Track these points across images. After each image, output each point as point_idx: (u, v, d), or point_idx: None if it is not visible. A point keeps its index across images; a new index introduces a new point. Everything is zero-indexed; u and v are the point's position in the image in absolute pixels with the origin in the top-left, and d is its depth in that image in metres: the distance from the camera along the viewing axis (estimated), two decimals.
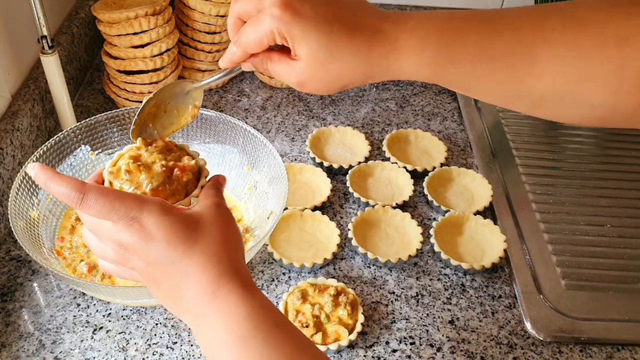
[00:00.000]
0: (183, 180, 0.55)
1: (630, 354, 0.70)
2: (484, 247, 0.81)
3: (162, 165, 0.54)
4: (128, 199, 0.44)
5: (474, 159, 0.97)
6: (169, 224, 0.44)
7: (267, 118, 1.03)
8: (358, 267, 0.78)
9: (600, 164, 0.99)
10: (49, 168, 0.44)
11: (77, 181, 0.43)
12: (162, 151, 0.56)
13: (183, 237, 0.44)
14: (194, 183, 0.56)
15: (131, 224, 0.43)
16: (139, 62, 0.94)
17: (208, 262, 0.44)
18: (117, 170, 0.54)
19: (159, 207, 0.44)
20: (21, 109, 0.84)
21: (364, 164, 0.91)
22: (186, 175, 0.55)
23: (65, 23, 1.04)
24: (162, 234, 0.43)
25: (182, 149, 0.59)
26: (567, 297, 0.76)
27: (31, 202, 0.71)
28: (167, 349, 0.67)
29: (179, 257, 0.44)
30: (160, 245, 0.43)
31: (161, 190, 0.53)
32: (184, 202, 0.54)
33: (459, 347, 0.70)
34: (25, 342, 0.67)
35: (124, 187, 0.53)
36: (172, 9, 0.98)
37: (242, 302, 0.43)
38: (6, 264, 0.76)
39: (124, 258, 0.45)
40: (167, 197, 0.53)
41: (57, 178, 0.43)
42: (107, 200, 0.43)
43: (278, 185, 0.73)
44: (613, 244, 0.84)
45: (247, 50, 0.50)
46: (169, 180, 0.54)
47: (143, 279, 0.46)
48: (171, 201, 0.53)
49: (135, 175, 0.54)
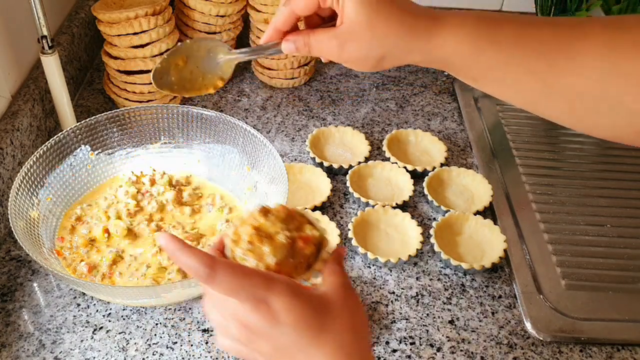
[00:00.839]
0: (306, 253, 0.53)
1: (630, 354, 0.70)
2: (484, 247, 0.81)
3: (286, 237, 0.52)
4: (256, 278, 0.41)
5: (474, 159, 0.97)
6: (298, 307, 0.41)
7: (267, 118, 1.03)
8: (358, 267, 0.78)
9: (600, 164, 0.99)
10: (178, 239, 0.41)
11: (207, 255, 0.41)
12: (284, 220, 0.55)
13: (313, 322, 0.42)
14: (315, 255, 0.53)
15: (259, 306, 0.41)
16: (139, 62, 0.94)
17: (336, 354, 0.42)
18: (238, 238, 0.52)
19: (287, 288, 0.42)
20: (21, 109, 0.84)
21: (364, 164, 0.91)
22: (309, 248, 0.53)
23: (65, 23, 1.04)
24: (291, 319, 0.41)
25: (303, 216, 0.57)
26: (567, 297, 0.76)
27: (31, 202, 0.72)
28: (167, 349, 0.67)
29: (307, 344, 0.41)
30: (288, 330, 0.41)
31: (284, 264, 0.51)
32: (305, 276, 0.52)
33: (459, 347, 0.70)
34: (25, 342, 0.67)
35: (246, 257, 0.51)
36: (172, 9, 0.98)
37: None
38: (6, 264, 0.76)
39: (248, 339, 0.43)
40: (290, 270, 0.52)
41: (186, 250, 0.41)
42: (236, 279, 0.41)
43: (278, 185, 0.73)
44: (613, 244, 0.84)
45: (296, 9, 0.51)
46: (292, 252, 0.52)
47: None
48: (294, 275, 0.52)
49: (257, 247, 0.52)
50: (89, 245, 0.74)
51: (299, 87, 1.10)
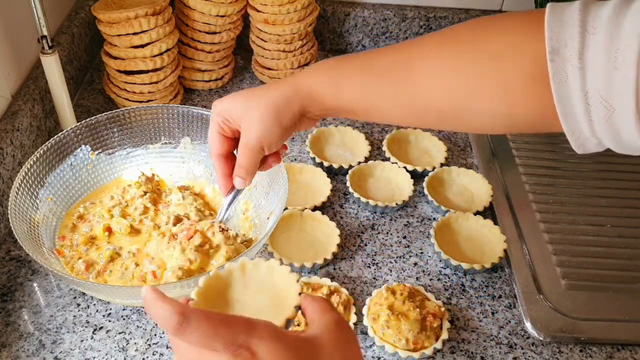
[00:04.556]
0: (434, 326, 0.67)
1: (630, 354, 0.70)
2: (484, 247, 0.81)
3: (419, 313, 0.67)
4: (234, 323, 0.37)
5: (474, 159, 0.97)
6: (283, 353, 0.36)
7: None
8: (358, 267, 0.78)
9: (600, 164, 0.98)
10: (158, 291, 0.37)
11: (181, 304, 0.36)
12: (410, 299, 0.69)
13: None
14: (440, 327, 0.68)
15: (239, 353, 0.36)
16: (139, 62, 0.94)
17: None
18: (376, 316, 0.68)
19: (271, 331, 0.37)
20: (21, 109, 0.84)
21: (364, 164, 0.91)
22: (436, 321, 0.68)
23: (65, 23, 1.04)
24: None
25: (419, 291, 0.72)
26: (567, 297, 0.76)
27: (31, 202, 0.72)
28: (167, 349, 0.67)
29: None
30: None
31: (419, 336, 0.65)
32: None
33: (459, 347, 0.70)
34: (25, 342, 0.67)
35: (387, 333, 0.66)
36: (172, 9, 0.98)
37: None
38: (6, 264, 0.76)
39: None
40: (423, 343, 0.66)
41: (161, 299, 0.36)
42: (211, 325, 0.36)
43: (278, 185, 0.73)
44: (613, 244, 0.84)
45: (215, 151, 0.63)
46: (424, 325, 0.66)
47: None
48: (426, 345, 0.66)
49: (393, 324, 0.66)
50: (89, 243, 0.74)
51: None
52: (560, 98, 0.45)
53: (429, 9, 1.17)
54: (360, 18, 1.17)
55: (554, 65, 0.44)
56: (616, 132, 0.44)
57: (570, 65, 0.43)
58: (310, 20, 1.04)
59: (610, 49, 0.42)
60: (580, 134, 0.46)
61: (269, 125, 0.58)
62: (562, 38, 0.44)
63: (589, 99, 0.43)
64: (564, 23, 0.44)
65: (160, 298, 0.36)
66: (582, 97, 0.44)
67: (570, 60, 0.43)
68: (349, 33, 1.19)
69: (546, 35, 0.44)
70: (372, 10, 1.16)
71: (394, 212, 0.87)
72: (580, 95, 0.44)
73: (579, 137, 0.47)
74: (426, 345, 0.66)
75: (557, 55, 0.44)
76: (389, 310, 0.67)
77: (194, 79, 1.07)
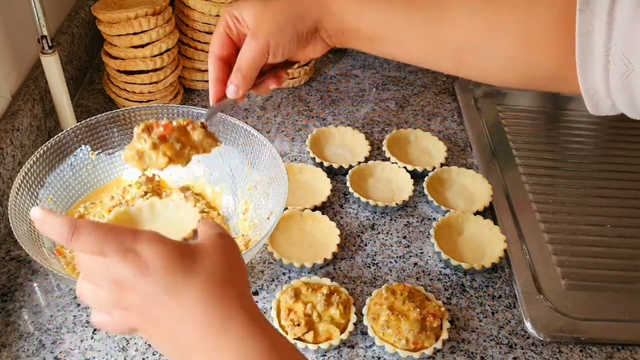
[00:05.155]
0: (434, 326, 0.68)
1: (630, 354, 0.70)
2: (484, 247, 0.81)
3: (419, 313, 0.68)
4: (121, 230, 0.40)
5: (474, 159, 0.97)
6: (166, 251, 0.40)
7: (267, 118, 1.03)
8: (358, 267, 0.78)
9: (600, 164, 0.99)
10: (47, 209, 0.41)
11: (70, 218, 0.40)
12: (410, 299, 0.69)
13: (182, 265, 0.40)
14: (440, 327, 0.69)
15: (126, 255, 0.39)
16: (139, 62, 0.94)
17: (212, 292, 0.40)
18: (376, 316, 0.68)
19: (154, 236, 0.41)
20: (21, 109, 0.84)
21: (364, 164, 0.91)
22: (436, 321, 0.68)
23: (65, 23, 1.04)
24: (159, 264, 0.39)
25: (419, 291, 0.72)
26: (567, 297, 0.76)
27: (31, 202, 0.71)
28: None
29: (178, 288, 0.40)
30: (157, 276, 0.39)
31: (419, 336, 0.66)
32: None
33: (459, 347, 0.70)
34: (25, 342, 0.67)
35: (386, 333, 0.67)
36: (172, 9, 0.98)
37: (255, 335, 0.40)
38: (6, 264, 0.76)
39: (118, 297, 0.40)
40: (423, 343, 0.67)
41: (50, 215, 0.40)
42: (100, 233, 0.39)
43: (278, 185, 0.73)
44: (613, 244, 0.84)
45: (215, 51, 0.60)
46: (424, 325, 0.67)
47: (138, 320, 0.41)
48: (426, 346, 0.67)
49: (393, 324, 0.67)
50: None
51: (299, 87, 1.10)
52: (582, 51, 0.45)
53: None
54: None
55: (582, 16, 0.44)
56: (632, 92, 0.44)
57: (598, 19, 0.43)
58: None
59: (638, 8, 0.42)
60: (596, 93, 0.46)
61: (282, 25, 0.56)
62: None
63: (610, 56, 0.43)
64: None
65: (50, 214, 0.40)
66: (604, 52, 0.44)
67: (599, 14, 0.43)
68: None
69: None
70: None
71: (394, 212, 0.87)
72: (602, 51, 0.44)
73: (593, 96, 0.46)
74: (426, 345, 0.66)
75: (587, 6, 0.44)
76: (389, 310, 0.68)
77: (194, 79, 1.07)
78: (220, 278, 0.41)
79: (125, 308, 0.41)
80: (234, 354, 0.40)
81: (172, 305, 0.40)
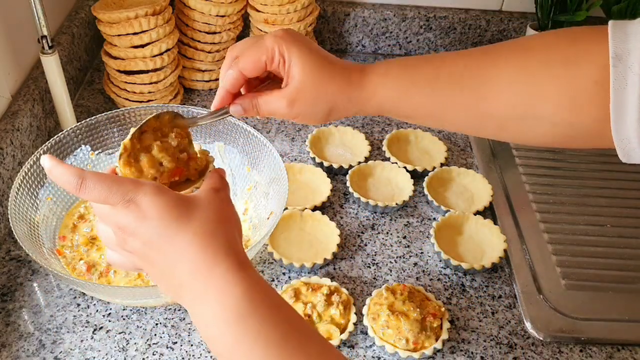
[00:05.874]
0: (434, 326, 0.68)
1: (630, 354, 0.70)
2: (484, 247, 0.81)
3: (419, 313, 0.68)
4: (125, 182, 0.44)
5: (474, 159, 0.97)
6: (163, 202, 0.44)
7: (267, 118, 1.03)
8: (358, 267, 0.78)
9: (600, 164, 0.98)
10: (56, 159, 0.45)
11: (78, 169, 0.44)
12: (410, 299, 0.69)
13: (177, 214, 0.44)
14: (440, 327, 0.69)
15: (128, 206, 0.44)
16: (139, 62, 0.94)
17: (203, 239, 0.44)
18: (376, 316, 0.68)
19: (153, 187, 0.45)
20: (21, 109, 0.84)
21: (364, 164, 0.91)
22: (436, 321, 0.69)
23: (65, 23, 1.04)
24: (155, 212, 0.44)
25: (420, 291, 0.72)
26: (567, 297, 0.76)
27: (31, 202, 0.71)
28: (167, 349, 0.67)
29: (173, 234, 0.44)
30: (153, 222, 0.44)
31: (419, 336, 0.66)
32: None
33: (459, 347, 0.70)
34: (25, 342, 0.67)
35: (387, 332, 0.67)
36: (172, 9, 0.98)
37: (239, 280, 0.43)
38: (6, 264, 0.76)
39: (123, 241, 0.46)
40: (423, 343, 0.67)
41: (60, 165, 0.44)
42: (105, 185, 0.43)
43: (278, 185, 0.73)
44: (613, 244, 0.84)
45: (244, 71, 0.54)
46: (424, 325, 0.67)
47: (140, 261, 0.46)
48: (427, 346, 0.67)
49: (393, 324, 0.67)
50: (89, 243, 0.74)
51: None
52: (616, 104, 0.46)
53: (429, 9, 1.17)
54: (360, 18, 1.17)
55: (615, 71, 0.46)
56: None
57: (631, 72, 0.45)
58: (310, 20, 1.04)
59: None
60: (628, 143, 0.48)
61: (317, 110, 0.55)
62: (625, 47, 0.46)
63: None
64: (627, 35, 0.46)
65: (60, 164, 0.44)
66: (637, 104, 0.45)
67: (631, 67, 0.45)
68: (349, 33, 1.19)
69: (610, 43, 0.46)
70: (372, 10, 1.16)
71: (394, 212, 0.87)
72: (636, 102, 0.45)
73: (626, 146, 0.48)
74: (426, 345, 0.66)
75: (619, 61, 0.46)
76: (389, 310, 0.68)
77: (194, 79, 1.07)
78: (211, 228, 0.45)
79: (130, 251, 0.46)
80: (216, 295, 0.43)
81: (167, 248, 0.44)
